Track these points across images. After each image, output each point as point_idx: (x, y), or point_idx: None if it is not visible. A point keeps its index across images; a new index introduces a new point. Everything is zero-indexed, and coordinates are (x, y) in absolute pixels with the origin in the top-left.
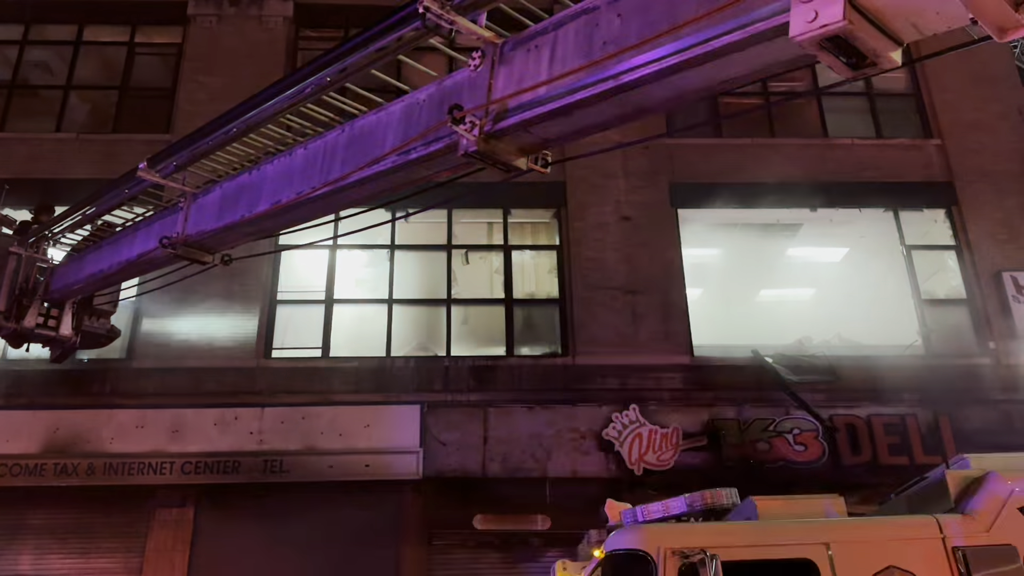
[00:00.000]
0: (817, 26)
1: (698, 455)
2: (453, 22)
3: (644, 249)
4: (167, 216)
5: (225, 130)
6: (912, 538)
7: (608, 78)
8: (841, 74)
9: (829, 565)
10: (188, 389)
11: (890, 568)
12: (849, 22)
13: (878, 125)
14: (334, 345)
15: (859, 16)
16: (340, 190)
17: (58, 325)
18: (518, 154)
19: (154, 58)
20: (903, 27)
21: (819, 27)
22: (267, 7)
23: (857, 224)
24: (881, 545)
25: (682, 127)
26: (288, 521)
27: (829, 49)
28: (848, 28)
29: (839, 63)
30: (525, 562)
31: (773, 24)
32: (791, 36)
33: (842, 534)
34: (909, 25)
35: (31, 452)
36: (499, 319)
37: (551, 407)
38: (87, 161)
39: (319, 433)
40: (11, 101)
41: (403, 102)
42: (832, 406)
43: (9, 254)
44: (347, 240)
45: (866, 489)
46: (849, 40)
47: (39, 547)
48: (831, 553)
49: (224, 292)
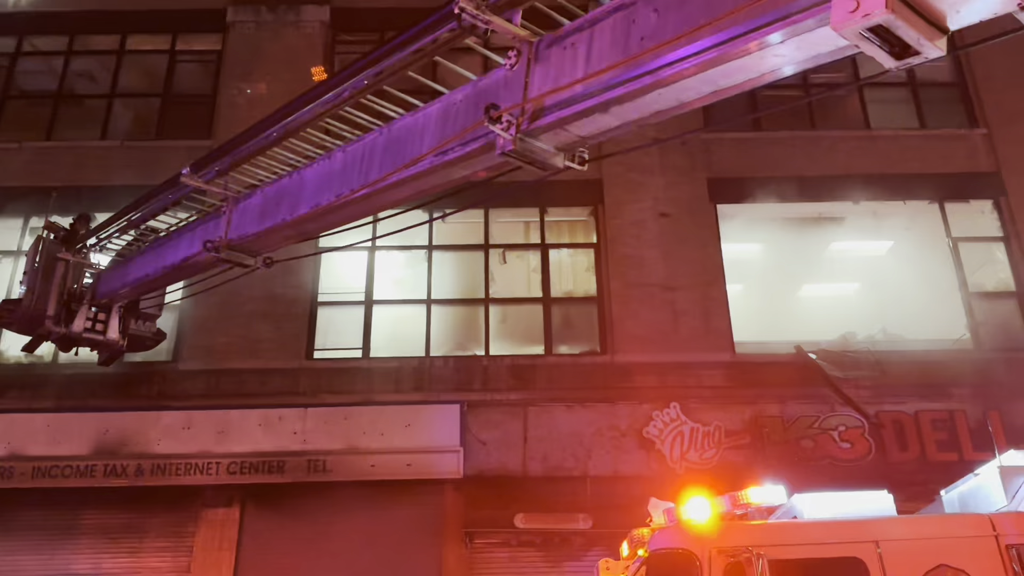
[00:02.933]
0: (859, 16)
1: (741, 453)
2: (488, 22)
3: (683, 245)
4: (210, 221)
5: (265, 135)
6: (964, 536)
7: (645, 74)
8: (885, 64)
9: (879, 563)
10: (233, 390)
11: (941, 567)
12: (892, 11)
13: (921, 116)
14: (374, 346)
15: (902, 4)
16: (379, 192)
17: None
18: (555, 152)
19: (195, 65)
20: (948, 15)
21: (861, 16)
22: (304, 12)
23: (902, 216)
24: (932, 543)
25: (720, 121)
26: (332, 520)
27: (871, 39)
28: (891, 17)
29: (882, 53)
30: (567, 561)
31: (814, 15)
32: (832, 26)
33: (892, 532)
34: (954, 12)
35: (82, 454)
36: (537, 318)
37: (591, 405)
38: (131, 168)
39: (361, 433)
40: (58, 110)
41: (440, 103)
42: (878, 402)
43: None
44: (385, 241)
45: (915, 486)
46: (892, 29)
47: (91, 547)
48: (880, 551)
49: (266, 294)
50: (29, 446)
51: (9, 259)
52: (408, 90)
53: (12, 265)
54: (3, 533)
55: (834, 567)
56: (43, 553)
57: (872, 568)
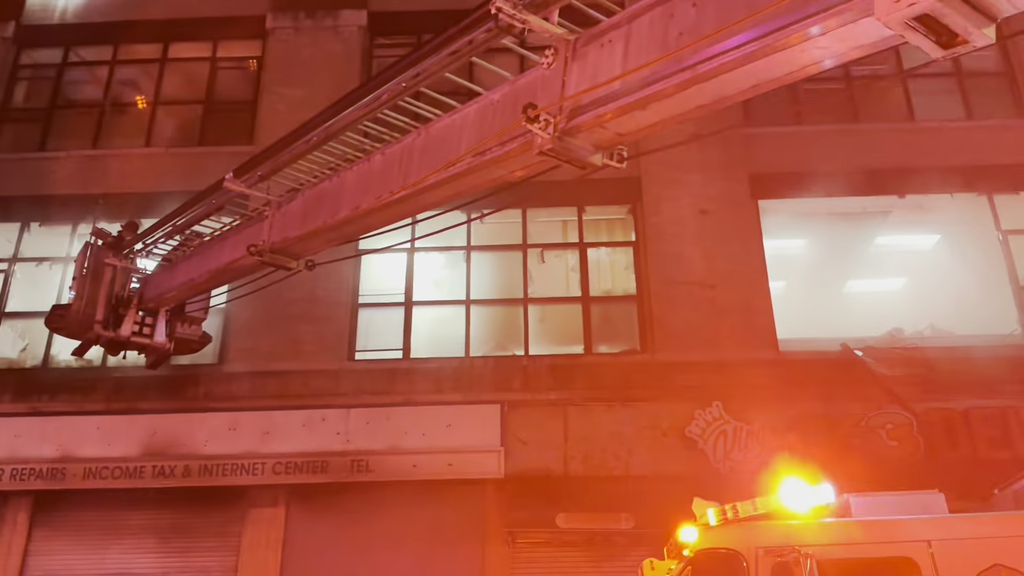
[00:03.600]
0: (904, 5)
1: (786, 452)
2: (525, 21)
3: (723, 242)
4: (253, 225)
5: (305, 139)
6: (1019, 535)
7: (685, 69)
8: (931, 54)
9: (931, 564)
10: (277, 392)
11: (996, 566)
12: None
13: (968, 106)
14: (414, 347)
15: None
16: (418, 193)
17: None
18: (593, 150)
19: (235, 72)
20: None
21: (906, 6)
22: (342, 17)
23: (949, 210)
24: (985, 543)
25: (760, 115)
26: (375, 519)
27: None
28: (937, 6)
29: (928, 42)
30: (609, 561)
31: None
32: (876, 16)
33: (944, 531)
34: None
35: (131, 455)
36: (576, 317)
37: (631, 405)
38: (176, 174)
39: (403, 433)
40: (103, 119)
41: (477, 104)
42: (927, 399)
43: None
44: (424, 243)
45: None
46: (938, 18)
47: (141, 546)
48: (932, 551)
49: (308, 297)
50: (80, 448)
51: (59, 265)
52: (445, 91)
53: (61, 271)
54: (56, 533)
55: (885, 567)
56: (95, 553)
57: (924, 568)
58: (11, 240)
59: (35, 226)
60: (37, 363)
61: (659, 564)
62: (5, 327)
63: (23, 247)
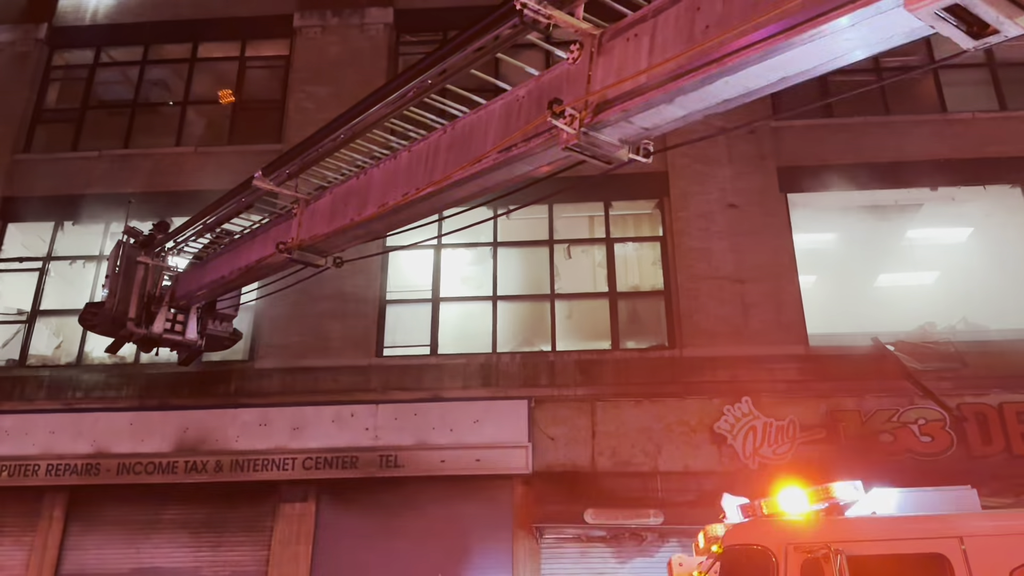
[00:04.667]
0: None
1: (817, 448)
2: (550, 16)
3: (752, 237)
4: (282, 222)
5: (333, 137)
6: None
7: (712, 62)
8: (962, 45)
9: (964, 560)
10: (306, 388)
11: None
12: None
13: (1001, 97)
14: (442, 342)
15: None
16: (444, 189)
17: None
18: (619, 145)
19: (264, 71)
20: None
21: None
22: (368, 15)
23: (982, 202)
24: (1019, 539)
25: (789, 108)
26: (404, 514)
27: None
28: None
29: (959, 33)
30: (638, 556)
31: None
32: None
33: (977, 528)
34: None
35: (164, 451)
36: (603, 313)
37: (659, 400)
38: (205, 173)
39: (431, 429)
40: (134, 119)
41: (502, 100)
42: (960, 394)
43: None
44: (451, 239)
45: (1000, 481)
46: (969, 8)
47: (174, 541)
48: (965, 548)
49: (337, 294)
50: (114, 444)
51: (92, 263)
52: (471, 88)
53: (95, 269)
54: (90, 528)
55: (916, 564)
56: (129, 547)
57: (956, 565)
58: (45, 239)
59: (68, 225)
60: (71, 360)
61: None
62: (40, 325)
63: (57, 246)
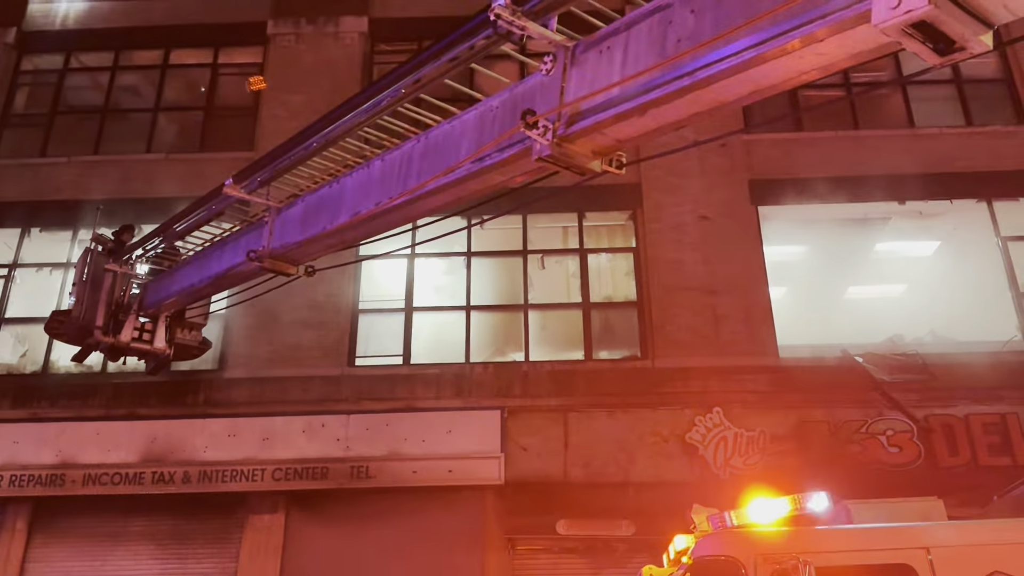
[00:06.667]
0: (901, 12)
1: (787, 458)
2: (524, 27)
3: (724, 249)
4: (253, 230)
5: (305, 145)
6: (1019, 542)
7: (683, 75)
8: (928, 61)
9: (930, 570)
10: (276, 398)
11: (995, 573)
12: (935, 6)
13: (968, 113)
14: (415, 352)
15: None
16: (417, 199)
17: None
18: (592, 156)
19: (236, 78)
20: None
21: (903, 13)
22: (343, 24)
23: (949, 216)
24: (985, 549)
25: (760, 122)
26: (375, 525)
27: (914, 35)
28: (934, 12)
29: (925, 49)
30: (610, 568)
31: (854, 12)
32: (874, 24)
33: (943, 538)
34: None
35: (131, 461)
36: (577, 323)
37: (632, 411)
38: (176, 180)
39: (403, 439)
40: (104, 125)
41: (476, 110)
42: (927, 406)
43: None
44: (424, 248)
45: (966, 491)
46: (935, 25)
47: (140, 553)
48: (931, 558)
49: (308, 303)
50: (80, 454)
51: (59, 271)
52: (445, 98)
53: (62, 276)
54: (55, 539)
55: (884, 574)
56: (94, 560)
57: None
58: (11, 245)
59: (35, 231)
60: (37, 369)
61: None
62: (5, 332)
63: (23, 252)
